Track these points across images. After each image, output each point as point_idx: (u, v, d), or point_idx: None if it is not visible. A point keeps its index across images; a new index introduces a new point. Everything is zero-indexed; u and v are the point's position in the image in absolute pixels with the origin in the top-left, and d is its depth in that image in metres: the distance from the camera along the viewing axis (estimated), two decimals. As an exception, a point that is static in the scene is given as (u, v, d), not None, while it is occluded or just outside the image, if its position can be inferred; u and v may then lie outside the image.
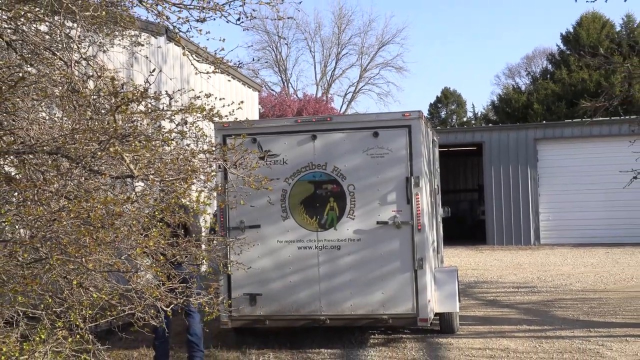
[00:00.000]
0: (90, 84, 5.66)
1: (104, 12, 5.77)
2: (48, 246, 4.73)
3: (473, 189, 29.01)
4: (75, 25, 5.72)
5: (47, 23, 5.93)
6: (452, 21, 74.84)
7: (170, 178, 5.34)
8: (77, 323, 4.89)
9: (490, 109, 45.20)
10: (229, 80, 14.73)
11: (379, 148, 7.66)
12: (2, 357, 4.64)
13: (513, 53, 75.18)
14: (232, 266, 7.44)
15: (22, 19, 5.67)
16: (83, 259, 4.75)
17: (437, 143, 10.43)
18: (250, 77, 18.98)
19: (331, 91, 45.74)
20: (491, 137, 24.25)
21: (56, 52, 5.60)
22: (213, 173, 6.47)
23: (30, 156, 5.02)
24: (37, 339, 4.82)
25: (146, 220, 5.59)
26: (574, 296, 11.39)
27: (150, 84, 5.99)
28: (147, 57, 9.41)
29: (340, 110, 41.62)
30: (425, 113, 8.60)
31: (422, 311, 7.47)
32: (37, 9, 5.76)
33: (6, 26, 5.85)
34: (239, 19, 5.80)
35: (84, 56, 5.78)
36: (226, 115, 6.29)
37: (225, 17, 5.74)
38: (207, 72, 7.67)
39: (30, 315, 4.96)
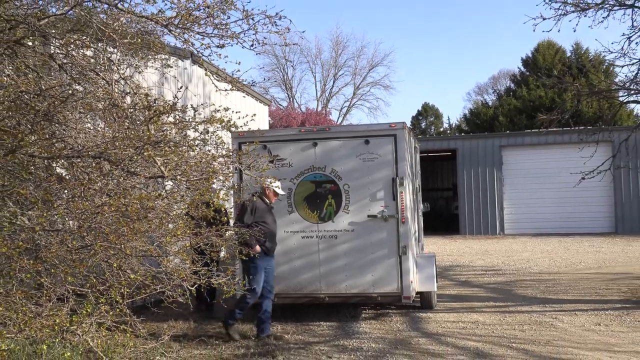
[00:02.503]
0: (128, 100, 5.64)
1: (139, 40, 5.76)
2: (92, 235, 4.71)
3: (448, 188, 29.02)
4: (115, 50, 5.69)
5: (92, 49, 5.92)
6: (431, 47, 74.87)
7: (195, 178, 5.32)
8: (117, 299, 4.88)
9: (462, 120, 45.16)
10: (244, 97, 14.69)
11: (369, 153, 7.65)
12: (56, 328, 4.63)
13: (482, 74, 75.29)
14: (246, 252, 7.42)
15: (71, 46, 5.66)
16: (122, 246, 4.74)
17: (418, 149, 10.41)
18: (261, 94, 18.94)
19: (329, 105, 45.75)
20: (463, 144, 24.27)
21: (99, 73, 5.58)
22: (230, 174, 6.45)
23: (78, 160, 5.01)
24: (84, 312, 4.82)
25: (176, 214, 5.59)
26: (532, 277, 11.39)
27: (177, 100, 5.98)
28: (175, 77, 9.37)
29: (337, 122, 41.55)
30: (408, 124, 8.54)
31: (406, 290, 7.47)
32: (84, 37, 5.75)
33: (59, 51, 5.85)
34: (252, 45, 5.79)
35: (122, 76, 5.77)
36: (241, 126, 6.27)
37: (240, 43, 5.74)
38: (226, 90, 7.65)
39: (78, 292, 4.95)
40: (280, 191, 7.24)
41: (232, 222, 7.69)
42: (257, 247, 6.81)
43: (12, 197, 4.64)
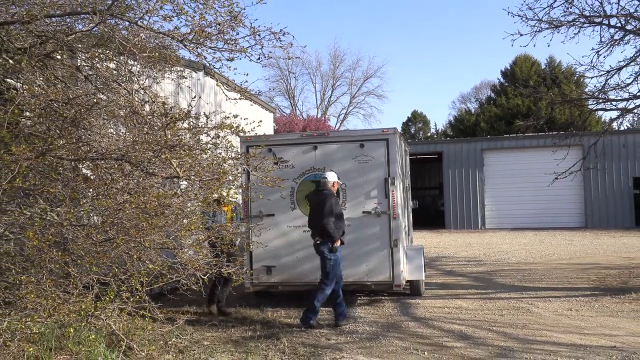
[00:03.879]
0: (147, 108, 5.64)
1: (157, 54, 5.76)
2: (115, 229, 4.71)
3: (435, 187, 28.99)
4: (135, 63, 5.70)
5: (115, 61, 5.93)
6: (420, 60, 74.86)
7: (207, 178, 5.33)
8: (137, 287, 4.88)
9: (448, 126, 45.08)
10: (251, 105, 14.68)
11: (364, 156, 7.65)
12: (82, 313, 4.63)
13: (465, 84, 75.20)
14: (253, 245, 7.44)
15: (96, 59, 5.67)
16: (141, 239, 4.74)
17: (408, 152, 10.40)
18: (267, 102, 18.91)
19: (328, 113, 45.66)
20: (448, 148, 24.29)
21: (121, 84, 5.59)
22: (239, 174, 6.45)
23: (102, 162, 5.00)
24: (107, 299, 4.81)
25: (190, 211, 5.59)
26: (510, 267, 11.40)
27: (191, 108, 5.99)
28: (189, 87, 9.39)
29: (335, 127, 41.51)
30: (399, 129, 8.54)
31: (397, 279, 7.47)
32: (107, 51, 5.76)
33: (84, 64, 5.85)
34: (258, 58, 5.79)
35: (142, 86, 5.77)
36: (249, 131, 6.25)
37: (248, 57, 5.74)
38: (235, 99, 7.66)
39: (102, 281, 4.94)
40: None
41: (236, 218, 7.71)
42: (338, 242, 6.61)
43: (42, 195, 4.64)
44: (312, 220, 6.82)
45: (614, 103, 10.30)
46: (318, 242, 6.64)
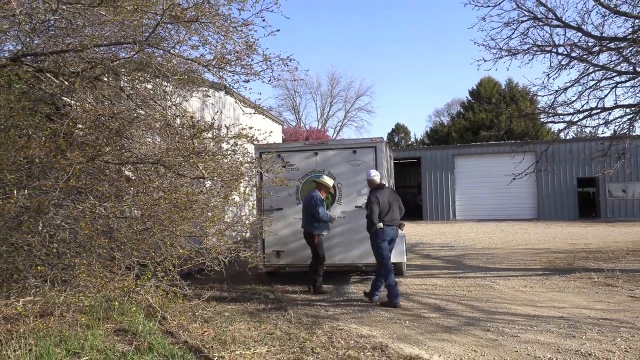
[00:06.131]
0: (178, 121, 5.63)
1: (186, 76, 5.76)
2: (152, 221, 4.71)
3: (414, 185, 28.94)
4: (168, 84, 5.69)
5: (151, 83, 5.92)
6: (402, 81, 74.78)
7: (227, 179, 5.31)
8: (170, 268, 4.87)
9: (425, 136, 44.94)
10: (263, 118, 14.67)
11: (356, 160, 7.62)
12: (124, 289, 4.62)
13: (439, 101, 74.92)
14: (265, 233, 7.42)
15: (136, 81, 5.65)
16: (173, 229, 4.73)
17: (392, 157, 10.37)
18: (276, 116, 18.87)
19: (327, 125, 45.55)
20: (426, 154, 24.26)
21: (157, 101, 5.58)
22: (254, 175, 6.45)
23: (141, 165, 5.00)
24: (145, 278, 4.81)
25: (213, 206, 5.57)
26: (476, 252, 11.38)
27: (214, 121, 5.97)
28: (212, 104, 9.37)
29: (332, 137, 41.47)
30: (385, 138, 8.53)
31: (383, 261, 7.44)
32: (145, 74, 5.75)
33: (127, 85, 5.84)
34: (269, 80, 5.80)
35: (174, 103, 5.76)
36: (262, 140, 6.25)
37: (261, 79, 5.74)
38: (250, 113, 7.65)
39: (141, 263, 4.94)
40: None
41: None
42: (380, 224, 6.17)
43: (92, 192, 4.63)
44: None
45: (561, 117, 10.29)
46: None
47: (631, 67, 9.26)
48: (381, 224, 6.22)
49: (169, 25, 5.13)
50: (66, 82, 5.12)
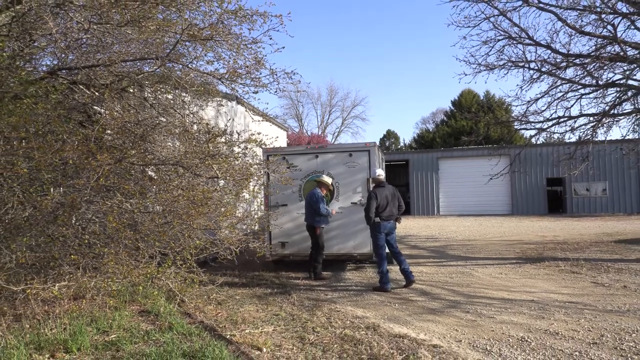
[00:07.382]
0: (195, 127, 5.66)
1: (202, 88, 5.77)
2: (172, 215, 4.72)
3: (404, 184, 28.93)
4: (187, 95, 5.71)
5: (172, 94, 5.94)
6: (393, 92, 74.77)
7: (238, 178, 5.34)
8: (188, 257, 4.89)
9: (413, 141, 44.96)
10: (270, 125, 14.67)
11: (352, 162, 7.65)
12: (148, 275, 4.64)
13: (425, 110, 74.93)
14: (272, 226, 7.44)
15: (158, 92, 5.67)
16: (191, 222, 4.75)
17: (384, 159, 10.40)
18: (281, 123, 18.87)
19: (326, 131, 45.56)
20: (413, 157, 24.26)
21: (176, 110, 5.60)
22: (262, 176, 6.47)
23: (162, 166, 5.02)
24: (166, 265, 4.83)
25: (226, 202, 5.59)
26: (457, 243, 11.41)
27: (227, 127, 5.98)
28: (225, 112, 9.38)
29: (331, 142, 41.48)
30: (377, 143, 8.58)
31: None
32: (166, 86, 5.77)
33: (150, 95, 5.86)
34: (275, 91, 5.85)
35: (191, 112, 5.78)
36: (269, 144, 6.27)
37: (268, 90, 5.80)
38: (258, 120, 7.68)
39: (163, 252, 4.96)
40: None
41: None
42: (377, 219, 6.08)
43: (119, 190, 4.66)
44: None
45: (532, 124, 10.34)
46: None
47: (594, 81, 9.32)
48: (378, 218, 6.19)
49: (187, 42, 5.16)
50: (97, 93, 5.15)
